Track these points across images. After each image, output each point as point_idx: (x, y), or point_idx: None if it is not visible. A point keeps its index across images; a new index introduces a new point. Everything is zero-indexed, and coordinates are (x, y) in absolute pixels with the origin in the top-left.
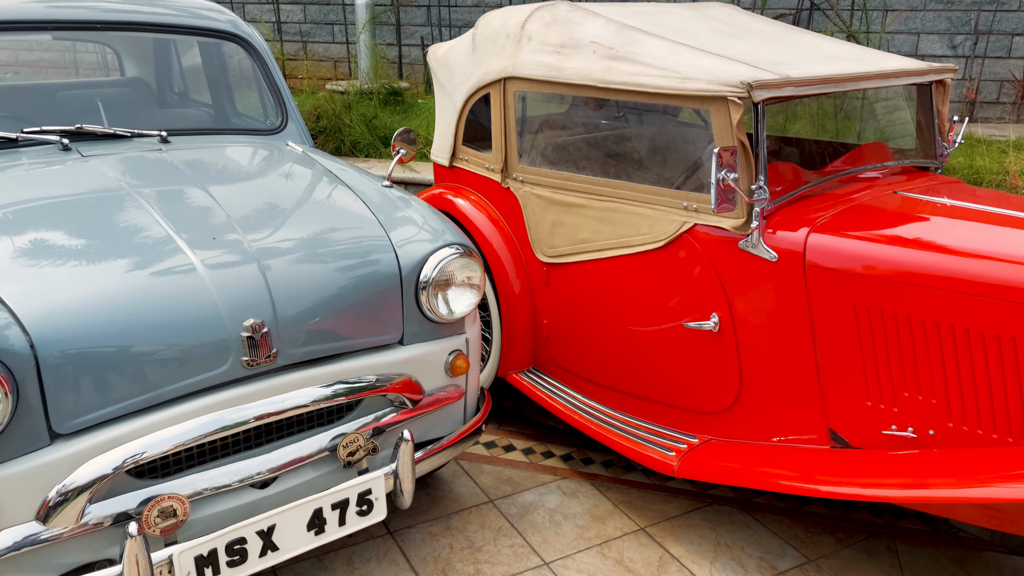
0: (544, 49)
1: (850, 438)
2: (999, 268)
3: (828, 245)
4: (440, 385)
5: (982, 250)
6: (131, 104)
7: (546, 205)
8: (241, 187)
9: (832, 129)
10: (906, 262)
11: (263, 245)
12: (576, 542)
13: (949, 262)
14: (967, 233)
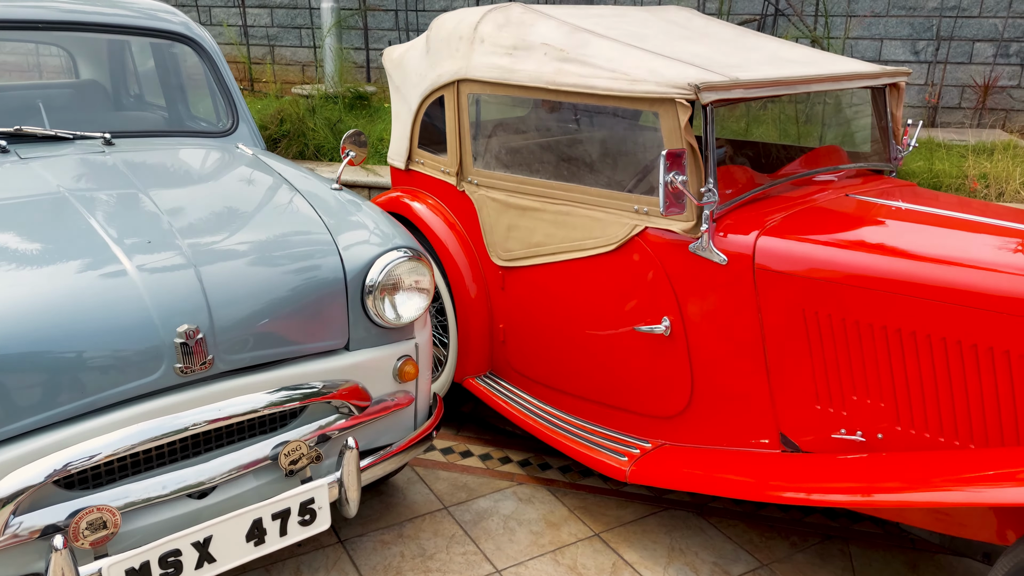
0: (497, 51)
1: (800, 442)
2: (945, 271)
3: (777, 248)
4: (389, 391)
5: (929, 253)
6: (79, 106)
7: (501, 208)
8: (183, 190)
9: (795, 133)
10: (852, 265)
11: (201, 249)
12: (530, 549)
13: (896, 265)
14: (915, 236)
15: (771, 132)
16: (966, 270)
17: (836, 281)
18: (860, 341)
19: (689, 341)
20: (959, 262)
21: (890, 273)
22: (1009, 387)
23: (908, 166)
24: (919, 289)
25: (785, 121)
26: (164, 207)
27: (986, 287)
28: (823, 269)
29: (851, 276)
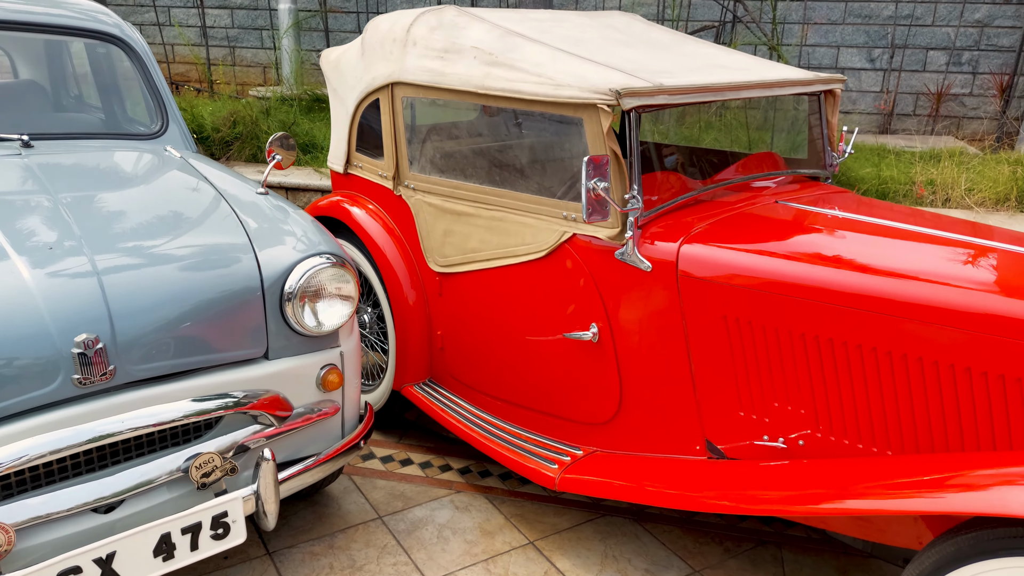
0: (429, 54)
1: (725, 449)
2: (863, 279)
3: (699, 255)
4: (312, 401)
5: (846, 260)
6: (3, 107)
7: (437, 213)
8: (98, 194)
9: (744, 139)
10: (771, 272)
11: (107, 256)
12: (462, 558)
13: (812, 272)
14: (835, 243)
15: (724, 139)
16: (882, 278)
17: (755, 288)
18: (779, 348)
19: (617, 348)
20: (878, 270)
21: (807, 280)
22: (923, 394)
23: (857, 172)
24: (835, 296)
25: (738, 128)
26: (74, 212)
27: (901, 294)
28: (743, 276)
29: (769, 283)
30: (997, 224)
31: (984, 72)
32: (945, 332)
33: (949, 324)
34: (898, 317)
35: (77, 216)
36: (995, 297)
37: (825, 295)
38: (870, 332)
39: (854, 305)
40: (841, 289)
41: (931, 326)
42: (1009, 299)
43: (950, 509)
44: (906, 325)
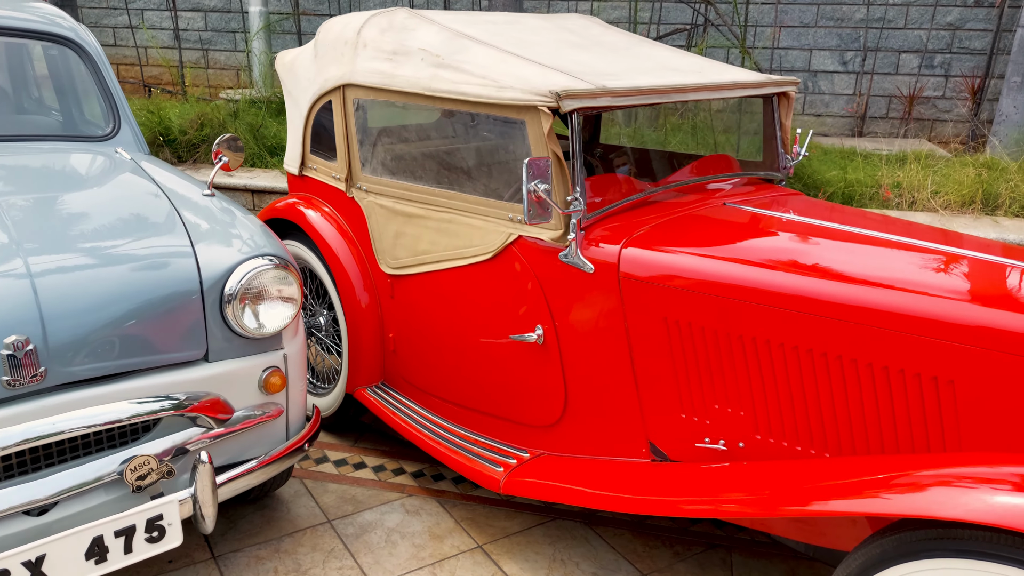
0: (379, 56)
1: (668, 451)
2: (798, 281)
3: (639, 257)
4: (255, 403)
5: (784, 262)
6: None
7: (389, 215)
8: (40, 196)
9: (710, 142)
10: (708, 273)
11: (43, 258)
12: (409, 562)
13: (748, 273)
14: (776, 245)
15: (689, 141)
16: (816, 279)
17: (693, 289)
18: (718, 350)
19: (562, 350)
20: (810, 271)
21: (743, 281)
22: (858, 396)
23: (823, 175)
24: (771, 297)
25: (704, 131)
26: (12, 214)
27: (834, 296)
28: (681, 277)
29: (706, 284)
30: (961, 227)
31: (956, 75)
32: (878, 334)
33: (882, 326)
34: (831, 319)
35: (15, 218)
36: (926, 299)
37: (760, 296)
38: (804, 334)
39: (789, 307)
40: (776, 290)
41: (864, 328)
42: (940, 300)
43: (872, 511)
44: (839, 327)
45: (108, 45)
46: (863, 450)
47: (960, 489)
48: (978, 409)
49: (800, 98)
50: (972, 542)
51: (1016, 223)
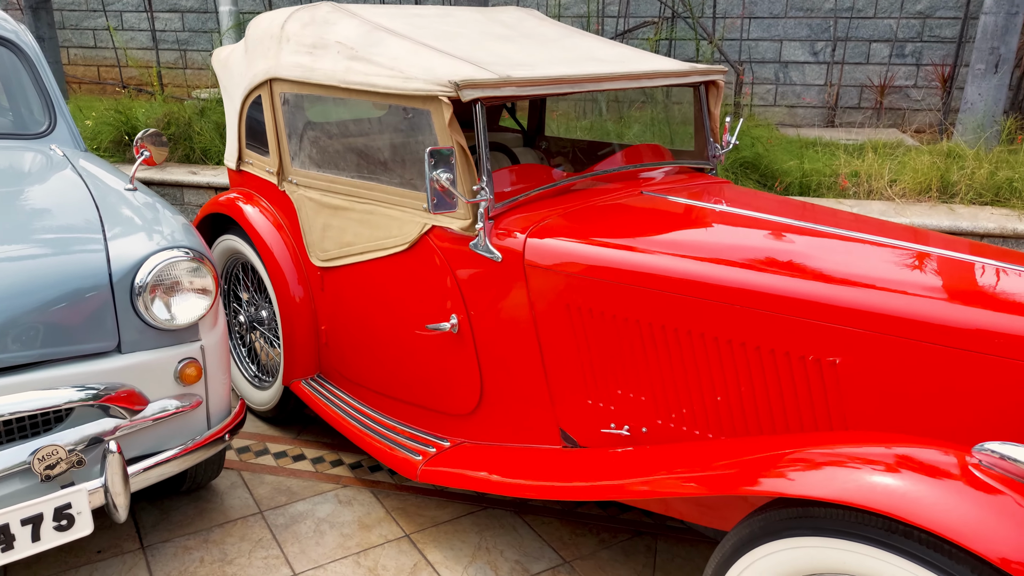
0: (300, 50)
1: (577, 437)
2: (688, 265)
3: (544, 245)
4: (171, 394)
5: (682, 248)
6: None
7: (317, 208)
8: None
9: (666, 132)
10: (607, 260)
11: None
12: (334, 552)
13: (643, 260)
14: (679, 231)
15: (646, 132)
16: (710, 265)
17: (592, 276)
18: (618, 336)
19: (476, 339)
20: (701, 257)
21: (637, 267)
22: (748, 379)
23: (781, 165)
24: (665, 283)
25: (660, 122)
26: None
27: (722, 280)
28: (581, 264)
29: (604, 271)
30: (916, 215)
31: (927, 64)
32: (764, 317)
33: (768, 309)
34: (721, 303)
35: None
36: (809, 282)
37: (653, 282)
38: (696, 318)
39: (679, 291)
40: (666, 276)
41: (752, 311)
42: (822, 284)
43: (731, 491)
44: (728, 311)
45: (88, 47)
46: (756, 431)
47: (815, 470)
48: (860, 389)
49: (771, 89)
50: (825, 520)
51: (971, 210)
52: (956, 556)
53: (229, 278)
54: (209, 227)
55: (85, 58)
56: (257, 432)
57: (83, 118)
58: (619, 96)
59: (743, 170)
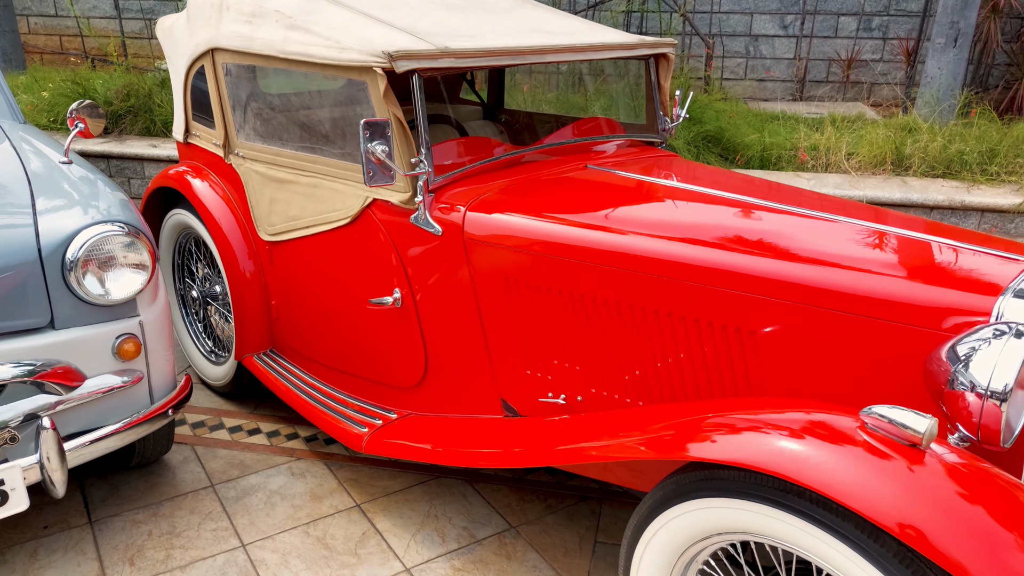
0: (239, 19)
1: (518, 407)
2: (614, 238)
3: (483, 219)
4: (110, 370)
5: (615, 221)
6: None
7: (263, 181)
8: None
9: (632, 106)
10: (540, 233)
11: None
12: (284, 522)
13: (574, 232)
14: (610, 204)
15: (612, 106)
16: (631, 237)
17: (527, 249)
18: (552, 307)
19: (419, 312)
20: (630, 230)
21: (574, 241)
22: (675, 348)
23: (742, 139)
24: (591, 255)
25: (624, 95)
26: None
27: (647, 252)
28: (517, 237)
29: (538, 243)
30: (870, 187)
31: (893, 37)
32: (687, 288)
33: (690, 280)
34: (646, 274)
35: None
36: (729, 253)
37: (582, 254)
38: (623, 290)
39: (613, 264)
40: (602, 249)
41: (675, 282)
42: (741, 255)
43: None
44: (653, 282)
45: (49, 16)
46: (681, 398)
47: (717, 434)
48: (778, 357)
49: (742, 63)
50: (729, 481)
51: (922, 183)
52: (842, 513)
53: (183, 252)
54: (161, 201)
55: (46, 27)
56: (213, 407)
57: (39, 89)
58: (591, 69)
59: (705, 143)
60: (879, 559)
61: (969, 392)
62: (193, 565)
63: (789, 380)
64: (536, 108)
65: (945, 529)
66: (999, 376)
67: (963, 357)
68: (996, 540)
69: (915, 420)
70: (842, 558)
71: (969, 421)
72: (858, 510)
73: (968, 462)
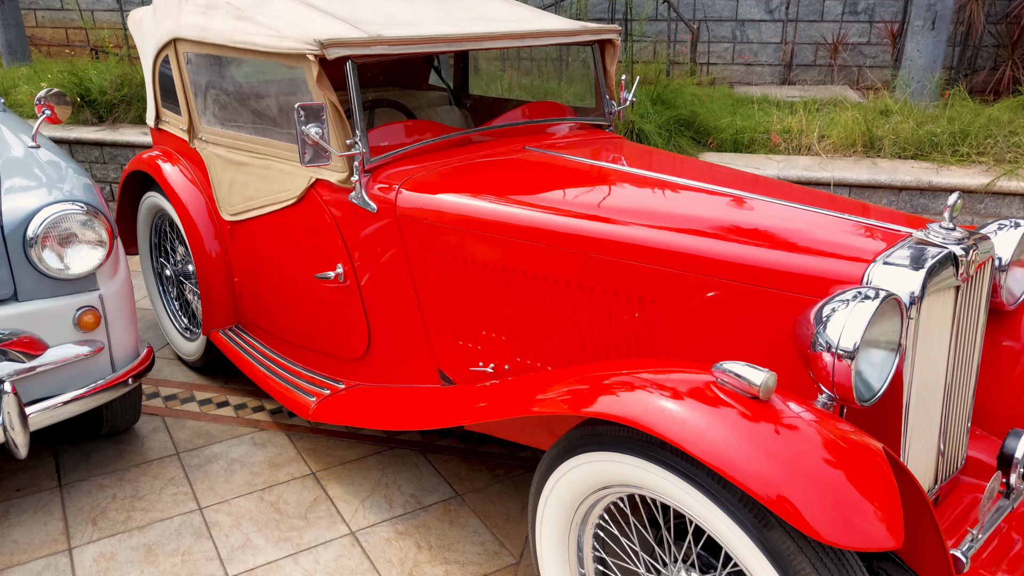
0: (196, 10)
1: (453, 376)
2: (541, 216)
3: (414, 196)
4: (71, 340)
5: (538, 199)
6: None
7: (224, 164)
8: None
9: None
10: (464, 209)
11: None
12: (241, 488)
13: (497, 208)
14: (536, 183)
15: (583, 92)
16: (553, 214)
17: (454, 226)
18: (480, 280)
19: (360, 286)
20: (552, 207)
21: (495, 216)
22: (588, 317)
23: (716, 121)
24: (512, 230)
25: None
26: None
27: (564, 228)
28: (445, 214)
29: (462, 219)
30: (840, 169)
31: (879, 21)
32: (594, 261)
33: (595, 253)
34: (562, 248)
35: None
36: (633, 228)
37: (504, 230)
38: (543, 263)
39: (530, 239)
40: (517, 224)
41: (584, 256)
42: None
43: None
44: (568, 256)
45: (55, 9)
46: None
47: (592, 391)
48: (675, 324)
49: (729, 47)
50: (605, 436)
51: (892, 164)
52: (695, 462)
53: (159, 233)
54: (140, 184)
55: (52, 20)
56: (187, 381)
57: (38, 80)
58: (563, 56)
59: (677, 127)
60: (727, 504)
61: (826, 352)
62: (151, 526)
63: (687, 345)
64: (510, 94)
65: (765, 468)
66: (848, 335)
67: (824, 320)
68: (813, 478)
69: (754, 374)
70: (699, 505)
71: (828, 380)
72: (695, 454)
73: (801, 413)
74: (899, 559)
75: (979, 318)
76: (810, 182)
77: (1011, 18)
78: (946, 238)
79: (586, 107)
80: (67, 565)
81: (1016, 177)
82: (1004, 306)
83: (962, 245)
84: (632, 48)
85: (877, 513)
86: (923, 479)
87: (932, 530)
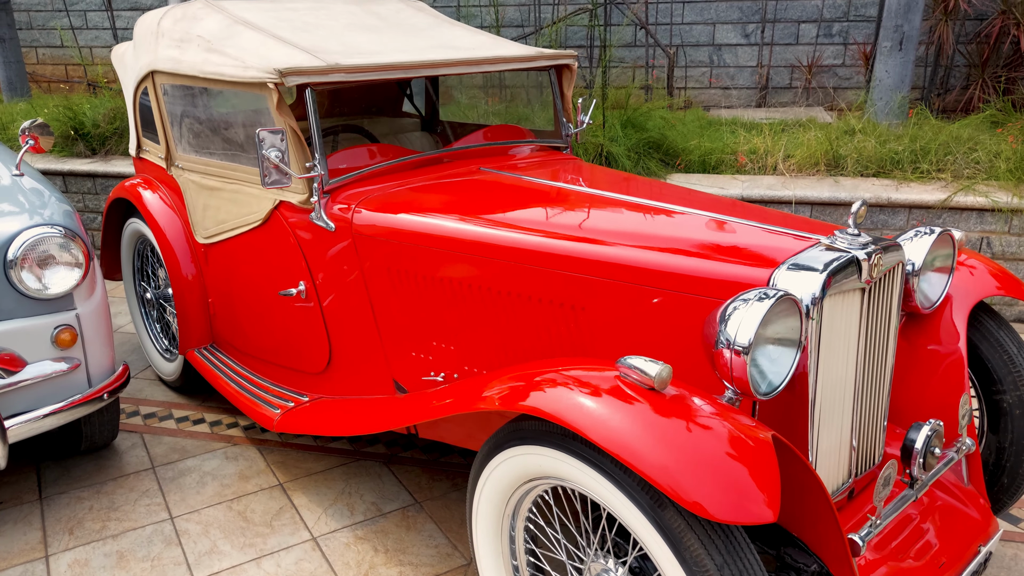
0: (171, 44)
1: (407, 386)
2: (482, 230)
3: (369, 215)
4: (49, 357)
5: (485, 217)
6: None
7: (198, 189)
8: None
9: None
10: (416, 226)
11: None
12: (211, 499)
13: (448, 226)
14: (484, 202)
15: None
16: (494, 229)
17: (405, 241)
18: (429, 294)
19: (321, 303)
20: (497, 223)
21: (442, 232)
22: (524, 326)
23: (684, 143)
24: (456, 245)
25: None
26: None
27: (501, 241)
28: (397, 231)
29: (413, 235)
30: (803, 188)
31: (853, 43)
32: (529, 271)
33: (532, 264)
34: (500, 260)
35: None
36: (565, 242)
37: (450, 244)
38: (484, 274)
39: (472, 252)
40: (462, 238)
41: (521, 266)
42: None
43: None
44: (506, 267)
45: (55, 47)
46: None
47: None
48: (602, 328)
49: (706, 71)
50: (527, 431)
51: (854, 182)
52: (599, 450)
53: (142, 258)
54: (123, 212)
55: (53, 57)
56: (166, 400)
57: (35, 115)
58: (538, 83)
59: (647, 149)
60: (628, 488)
61: (726, 349)
62: (124, 534)
63: (614, 348)
64: (485, 120)
65: (657, 453)
66: (743, 332)
67: (726, 319)
68: (700, 461)
69: (650, 367)
70: (606, 491)
71: (729, 376)
72: (597, 441)
73: (697, 404)
74: (803, 544)
75: (890, 320)
76: (773, 201)
77: (981, 38)
78: (851, 243)
79: (547, 130)
80: (43, 571)
81: (973, 192)
82: (920, 309)
83: (866, 250)
84: (608, 74)
85: (758, 492)
86: (837, 472)
87: (830, 516)
